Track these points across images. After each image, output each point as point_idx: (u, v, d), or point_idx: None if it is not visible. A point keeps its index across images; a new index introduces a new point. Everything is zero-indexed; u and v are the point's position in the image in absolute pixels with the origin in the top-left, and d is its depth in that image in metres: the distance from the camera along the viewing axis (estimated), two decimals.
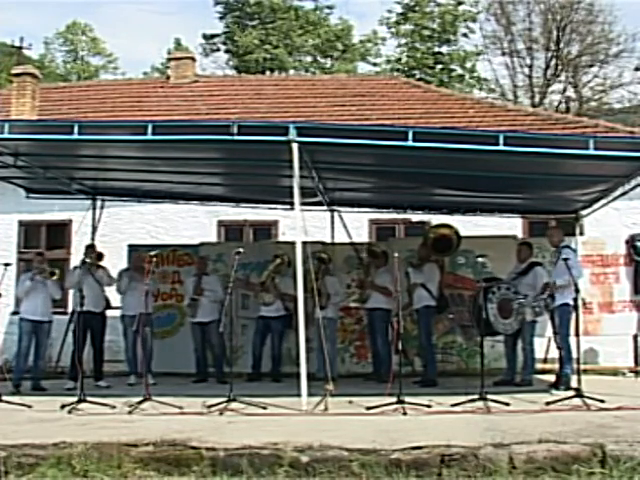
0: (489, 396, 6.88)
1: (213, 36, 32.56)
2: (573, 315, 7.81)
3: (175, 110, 15.29)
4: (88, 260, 9.37)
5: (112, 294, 9.95)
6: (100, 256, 9.90)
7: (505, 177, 8.54)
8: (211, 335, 9.96)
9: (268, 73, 28.47)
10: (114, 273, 9.96)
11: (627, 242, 10.86)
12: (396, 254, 7.46)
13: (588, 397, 6.82)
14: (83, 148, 8.31)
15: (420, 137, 7.06)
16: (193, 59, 18.54)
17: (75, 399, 7.03)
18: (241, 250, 7.62)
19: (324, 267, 9.97)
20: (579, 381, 7.03)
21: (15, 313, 9.17)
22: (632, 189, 8.61)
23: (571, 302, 7.78)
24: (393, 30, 30.47)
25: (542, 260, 9.54)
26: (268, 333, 10.21)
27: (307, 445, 4.98)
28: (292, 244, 7.42)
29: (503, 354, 9.29)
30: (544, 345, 10.02)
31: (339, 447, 4.94)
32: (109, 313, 9.81)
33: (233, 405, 6.80)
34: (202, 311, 10.05)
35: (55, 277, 9.11)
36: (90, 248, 9.80)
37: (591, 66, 27.47)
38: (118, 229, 13.17)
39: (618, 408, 6.65)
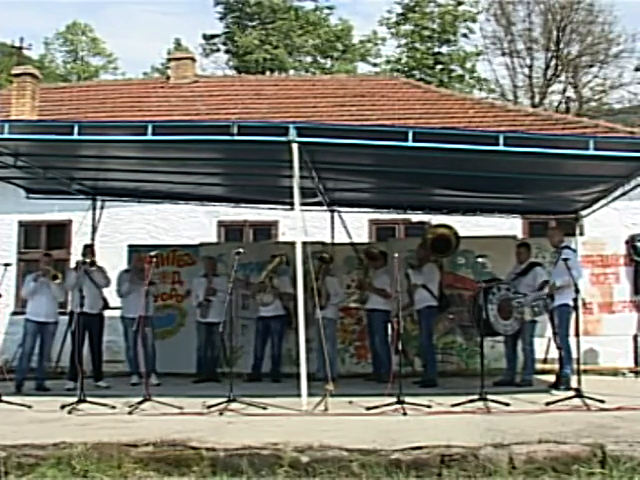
0: (489, 396, 6.87)
1: (213, 36, 32.58)
2: (573, 315, 7.81)
3: (175, 110, 15.29)
4: (87, 260, 9.32)
5: (112, 295, 9.94)
6: (92, 262, 9.73)
7: (505, 177, 8.53)
8: (217, 336, 9.94)
9: (268, 73, 28.46)
10: (114, 274, 9.94)
11: (627, 242, 10.88)
12: (396, 254, 7.46)
13: (588, 397, 6.81)
14: (83, 148, 8.30)
15: (420, 137, 7.07)
16: (193, 59, 18.53)
17: (75, 399, 7.03)
18: (241, 250, 7.63)
19: (325, 267, 9.98)
20: (579, 381, 7.02)
21: (15, 314, 9.13)
22: (632, 189, 8.62)
23: (570, 302, 7.77)
24: (393, 30, 30.50)
25: (542, 260, 9.54)
26: (269, 334, 10.21)
27: (307, 445, 4.97)
28: (292, 244, 7.41)
29: (503, 354, 9.30)
30: (544, 345, 10.01)
31: (339, 447, 4.94)
32: (109, 313, 9.79)
33: (233, 405, 6.80)
34: (213, 312, 10.07)
35: (58, 281, 9.09)
36: (88, 248, 9.75)
37: (591, 66, 27.48)
38: (118, 229, 13.14)
39: (618, 408, 6.65)
